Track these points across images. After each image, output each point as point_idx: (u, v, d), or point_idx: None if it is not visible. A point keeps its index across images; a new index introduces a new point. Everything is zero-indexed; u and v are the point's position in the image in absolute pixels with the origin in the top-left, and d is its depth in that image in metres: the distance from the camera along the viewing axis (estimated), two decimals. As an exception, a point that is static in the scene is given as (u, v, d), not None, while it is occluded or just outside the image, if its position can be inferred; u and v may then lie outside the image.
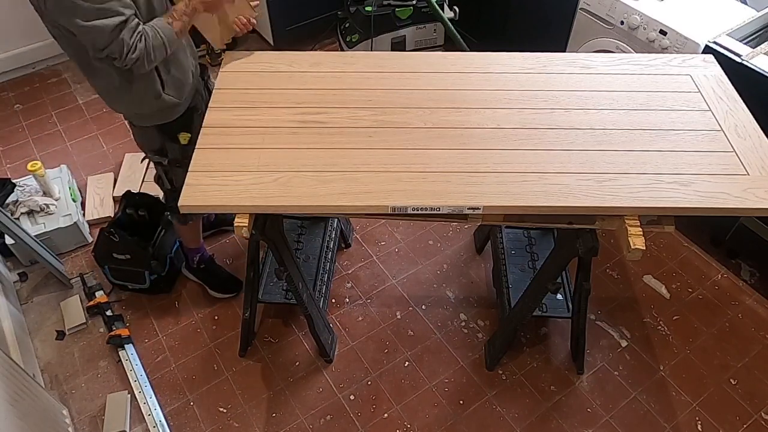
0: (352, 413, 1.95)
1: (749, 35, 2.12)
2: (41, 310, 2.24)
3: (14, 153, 2.83)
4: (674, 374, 2.03)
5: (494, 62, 1.76)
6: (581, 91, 1.66)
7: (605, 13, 2.32)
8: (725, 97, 1.65)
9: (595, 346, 2.11)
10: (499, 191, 1.39)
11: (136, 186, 2.60)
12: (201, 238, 2.19)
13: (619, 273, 2.33)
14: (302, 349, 2.11)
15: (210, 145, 1.51)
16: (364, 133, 1.54)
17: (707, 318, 2.18)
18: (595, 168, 1.44)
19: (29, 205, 2.32)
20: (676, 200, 1.37)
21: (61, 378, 2.05)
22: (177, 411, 1.96)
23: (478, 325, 2.17)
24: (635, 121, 1.57)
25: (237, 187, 1.40)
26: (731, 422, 1.92)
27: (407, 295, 2.27)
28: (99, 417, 1.94)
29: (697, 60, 1.78)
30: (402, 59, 1.77)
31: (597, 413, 1.94)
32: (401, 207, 1.37)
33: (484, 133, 1.53)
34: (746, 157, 1.47)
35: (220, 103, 1.63)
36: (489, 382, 2.02)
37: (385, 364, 2.07)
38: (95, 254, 2.23)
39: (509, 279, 2.07)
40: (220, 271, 2.25)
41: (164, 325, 2.18)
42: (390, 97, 1.64)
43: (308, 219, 2.26)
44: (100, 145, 2.87)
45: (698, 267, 2.34)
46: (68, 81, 3.23)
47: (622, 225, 1.38)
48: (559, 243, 1.75)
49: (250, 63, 1.73)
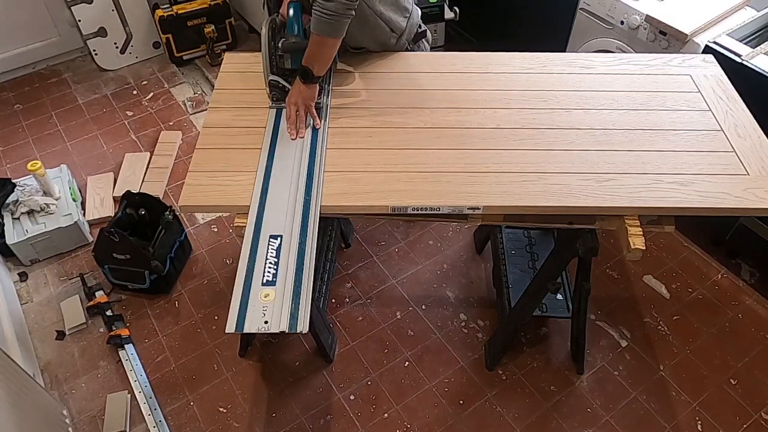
0: (352, 413, 1.95)
1: (749, 35, 2.12)
2: (41, 310, 2.24)
3: (14, 153, 2.83)
4: (674, 374, 2.03)
5: (494, 62, 1.76)
6: (581, 91, 1.66)
7: (605, 13, 2.32)
8: (725, 97, 1.65)
9: (595, 346, 2.11)
10: (499, 191, 1.39)
11: (136, 186, 2.60)
12: None
13: (619, 273, 2.33)
14: (302, 349, 2.11)
15: (210, 145, 1.51)
16: (364, 133, 1.54)
17: (707, 318, 2.18)
18: (595, 168, 1.44)
19: (29, 205, 2.32)
20: (676, 200, 1.37)
21: (61, 378, 2.05)
22: (177, 411, 1.96)
23: (478, 325, 2.17)
24: (635, 121, 1.57)
25: (237, 187, 1.40)
26: (731, 422, 1.92)
27: (407, 295, 2.27)
28: (99, 417, 1.94)
29: (697, 60, 1.78)
30: (402, 59, 1.77)
31: (597, 413, 1.94)
32: (401, 207, 1.37)
33: (484, 133, 1.53)
34: (746, 157, 1.47)
35: (220, 103, 1.63)
36: (489, 382, 2.02)
37: (385, 364, 2.07)
38: (95, 254, 2.24)
39: (509, 279, 2.07)
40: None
41: (164, 325, 2.18)
42: (390, 97, 1.64)
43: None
44: (100, 145, 2.87)
45: (698, 267, 2.34)
46: (68, 81, 3.23)
47: (622, 225, 1.38)
48: (559, 243, 1.75)
49: (250, 63, 1.73)
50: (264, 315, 1.19)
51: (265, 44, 1.53)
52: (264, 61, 1.56)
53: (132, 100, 3.12)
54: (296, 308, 1.20)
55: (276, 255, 1.28)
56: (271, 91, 1.60)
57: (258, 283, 1.23)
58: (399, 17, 1.68)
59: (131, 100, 3.12)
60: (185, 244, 2.36)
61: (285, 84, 1.58)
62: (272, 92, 1.60)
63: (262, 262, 1.27)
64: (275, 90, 1.59)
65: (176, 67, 3.33)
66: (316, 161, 1.45)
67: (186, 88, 3.20)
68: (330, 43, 1.47)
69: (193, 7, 3.16)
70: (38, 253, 2.35)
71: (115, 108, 3.07)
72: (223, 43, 3.33)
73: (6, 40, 3.09)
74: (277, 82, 1.57)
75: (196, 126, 2.96)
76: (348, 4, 1.39)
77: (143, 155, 2.78)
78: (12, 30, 3.07)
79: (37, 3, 3.05)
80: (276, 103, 1.60)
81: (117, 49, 3.25)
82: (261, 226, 1.33)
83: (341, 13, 1.40)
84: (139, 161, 2.74)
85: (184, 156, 2.80)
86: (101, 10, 3.06)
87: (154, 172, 2.71)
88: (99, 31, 3.13)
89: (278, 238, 1.31)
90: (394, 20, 1.66)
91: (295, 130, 1.52)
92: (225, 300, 2.24)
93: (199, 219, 2.55)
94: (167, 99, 3.12)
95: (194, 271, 2.35)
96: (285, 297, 1.21)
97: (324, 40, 1.46)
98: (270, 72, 1.57)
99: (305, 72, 1.49)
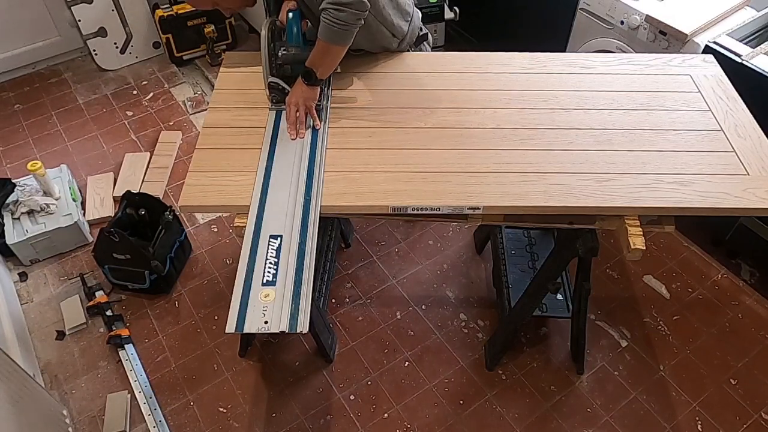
0: (352, 413, 1.95)
1: (749, 35, 2.12)
2: (41, 310, 2.24)
3: (14, 153, 2.83)
4: (674, 374, 2.03)
5: (494, 62, 1.76)
6: (581, 91, 1.66)
7: (605, 13, 2.32)
8: (725, 97, 1.65)
9: (595, 346, 2.11)
10: (499, 191, 1.39)
11: (136, 186, 2.60)
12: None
13: (619, 273, 2.33)
14: (302, 349, 2.11)
15: (210, 145, 1.51)
16: (364, 133, 1.54)
17: (707, 318, 2.18)
18: (595, 168, 1.44)
19: (29, 205, 2.32)
20: (676, 200, 1.37)
21: (61, 378, 2.05)
22: (177, 411, 1.96)
23: (478, 325, 2.18)
24: (635, 121, 1.57)
25: (237, 187, 1.40)
26: (731, 422, 1.92)
27: (407, 295, 2.27)
28: (99, 417, 1.94)
29: (697, 60, 1.78)
30: (402, 59, 1.77)
31: (597, 413, 1.94)
32: (401, 207, 1.37)
33: (484, 133, 1.53)
34: (746, 157, 1.47)
35: (220, 103, 1.63)
36: (489, 382, 2.02)
37: (385, 364, 2.07)
38: (95, 254, 2.24)
39: (509, 279, 2.07)
40: None
41: (164, 325, 2.18)
42: (390, 97, 1.64)
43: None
44: (100, 145, 2.87)
45: (698, 267, 2.34)
46: (68, 81, 3.23)
47: (622, 225, 1.38)
48: (559, 243, 1.75)
49: (250, 63, 1.73)
50: (264, 315, 1.19)
51: (264, 46, 1.53)
52: (264, 63, 1.55)
53: (132, 100, 3.12)
54: (296, 308, 1.20)
55: (276, 255, 1.28)
56: (271, 93, 1.59)
57: (258, 283, 1.24)
58: (401, 21, 1.68)
59: (131, 100, 3.12)
60: (185, 244, 2.36)
61: (285, 86, 1.57)
62: (272, 94, 1.59)
63: (262, 262, 1.27)
64: (275, 92, 1.58)
65: (176, 67, 3.33)
66: (316, 161, 1.45)
67: (186, 88, 3.20)
68: (336, 50, 1.48)
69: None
70: (38, 253, 2.35)
71: (115, 108, 3.07)
72: (223, 43, 3.33)
73: (6, 40, 3.09)
74: (276, 84, 1.57)
75: (196, 126, 2.96)
76: (359, 14, 1.40)
77: (143, 155, 2.78)
78: (12, 30, 3.07)
79: (37, 3, 3.05)
80: (276, 105, 1.60)
81: (117, 49, 3.25)
82: (261, 226, 1.33)
83: (352, 23, 1.41)
84: (139, 161, 2.74)
85: (184, 156, 2.80)
86: (101, 10, 3.06)
87: (154, 172, 2.71)
88: (99, 31, 3.14)
89: (278, 238, 1.31)
90: (396, 25, 1.66)
91: (295, 130, 1.52)
92: (225, 300, 2.24)
93: (199, 219, 2.55)
94: (167, 99, 3.12)
95: (194, 271, 2.35)
96: (285, 297, 1.21)
97: (331, 48, 1.47)
98: (270, 74, 1.57)
99: (308, 73, 1.49)
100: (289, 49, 1.54)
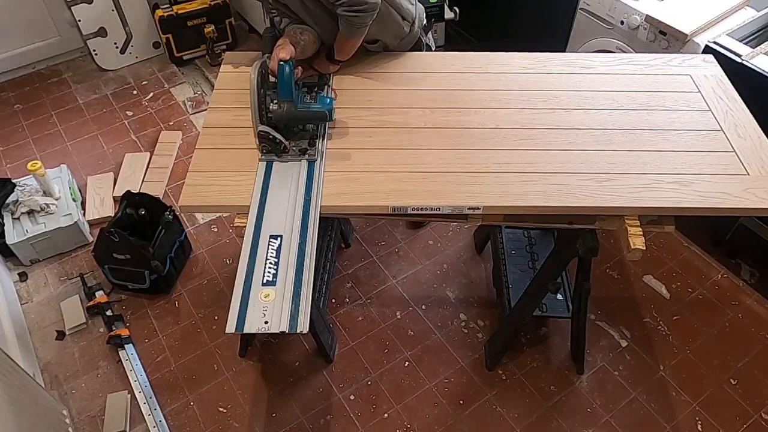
0: (352, 413, 1.95)
1: (749, 35, 2.12)
2: (41, 310, 2.24)
3: (14, 153, 2.83)
4: (674, 374, 2.03)
5: (494, 62, 1.76)
6: (581, 91, 1.66)
7: (605, 13, 2.32)
8: (725, 97, 1.65)
9: (595, 346, 2.11)
10: (499, 191, 1.39)
11: (136, 186, 2.60)
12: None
13: (619, 273, 2.33)
14: (302, 349, 2.11)
15: (210, 145, 1.51)
16: (364, 133, 1.54)
17: (707, 318, 2.18)
18: (595, 168, 1.44)
19: (29, 205, 2.32)
20: (676, 200, 1.37)
21: (61, 378, 2.05)
22: (177, 411, 1.96)
23: (478, 325, 2.18)
24: (635, 121, 1.57)
25: (237, 187, 1.40)
26: (731, 422, 1.92)
27: (407, 295, 2.27)
28: (99, 417, 1.94)
29: (697, 60, 1.78)
30: (402, 59, 1.77)
31: (597, 413, 1.94)
32: (401, 207, 1.37)
33: (484, 133, 1.53)
34: (746, 157, 1.47)
35: (220, 103, 1.63)
36: (489, 382, 2.02)
37: (385, 364, 2.07)
38: (95, 254, 2.24)
39: (509, 279, 2.07)
40: None
41: (164, 325, 2.18)
42: (390, 97, 1.64)
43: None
44: (100, 145, 2.87)
45: (698, 267, 2.34)
46: (68, 81, 3.23)
47: (622, 225, 1.38)
48: (559, 243, 1.75)
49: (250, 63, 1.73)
50: (264, 315, 1.19)
51: (254, 91, 1.38)
52: (253, 110, 1.40)
53: (132, 100, 3.12)
54: (296, 308, 1.20)
55: (276, 255, 1.28)
56: (261, 143, 1.43)
57: (258, 284, 1.23)
58: (407, 3, 1.70)
59: (131, 100, 3.12)
60: (185, 244, 2.36)
61: (276, 135, 1.42)
62: (261, 144, 1.43)
63: (262, 262, 1.27)
64: (265, 141, 1.42)
65: (176, 67, 3.33)
66: (316, 161, 1.45)
67: (186, 88, 3.20)
68: (354, 42, 1.61)
69: (193, 7, 3.16)
70: (38, 253, 2.35)
71: (115, 108, 3.07)
72: (223, 43, 3.33)
73: (6, 40, 3.09)
74: (267, 133, 1.41)
75: (196, 126, 2.96)
76: (373, 14, 1.52)
77: (143, 155, 2.78)
78: (12, 30, 3.07)
79: (37, 3, 3.05)
80: (266, 155, 1.45)
81: (117, 49, 3.25)
82: (261, 226, 1.33)
83: (367, 21, 1.53)
84: (139, 161, 2.74)
85: (184, 156, 2.80)
86: (101, 10, 3.06)
87: (154, 172, 2.71)
88: (99, 31, 3.14)
89: (278, 238, 1.31)
90: (404, 7, 1.69)
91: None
92: (225, 300, 2.24)
93: (199, 219, 2.55)
94: (167, 99, 3.12)
95: (194, 271, 2.35)
96: (285, 297, 1.21)
97: (350, 40, 1.59)
98: (259, 122, 1.42)
99: (331, 55, 1.64)
100: (281, 104, 1.42)
